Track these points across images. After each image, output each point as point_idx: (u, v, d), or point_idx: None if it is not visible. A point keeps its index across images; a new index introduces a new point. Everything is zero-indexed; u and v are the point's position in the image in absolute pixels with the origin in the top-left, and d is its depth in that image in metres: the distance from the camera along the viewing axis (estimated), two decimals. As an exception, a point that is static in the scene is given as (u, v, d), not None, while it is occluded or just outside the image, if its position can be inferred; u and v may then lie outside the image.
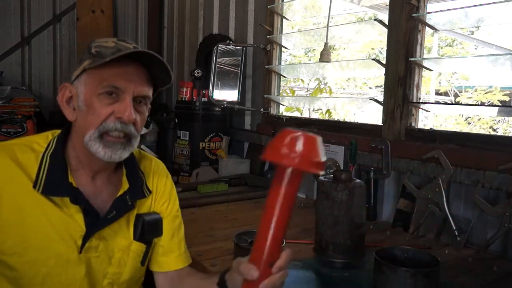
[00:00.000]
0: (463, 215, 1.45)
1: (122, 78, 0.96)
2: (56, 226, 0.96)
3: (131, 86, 0.96)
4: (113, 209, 1.02)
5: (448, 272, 1.16)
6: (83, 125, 0.98)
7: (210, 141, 2.37)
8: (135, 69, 0.98)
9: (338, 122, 2.07)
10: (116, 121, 0.96)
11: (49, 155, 0.99)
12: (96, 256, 1.00)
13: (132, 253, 1.06)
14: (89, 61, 0.96)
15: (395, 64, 1.66)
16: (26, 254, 0.94)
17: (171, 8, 3.39)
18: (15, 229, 0.93)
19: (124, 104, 0.96)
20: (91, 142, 0.96)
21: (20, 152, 0.98)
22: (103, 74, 0.95)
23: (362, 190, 1.20)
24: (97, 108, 0.95)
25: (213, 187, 2.02)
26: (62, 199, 0.96)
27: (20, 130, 2.53)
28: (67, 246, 0.96)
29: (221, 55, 2.32)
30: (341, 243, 1.17)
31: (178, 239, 1.15)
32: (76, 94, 0.99)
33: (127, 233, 1.05)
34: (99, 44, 0.99)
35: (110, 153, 0.96)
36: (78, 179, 1.00)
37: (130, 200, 1.04)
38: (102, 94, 0.95)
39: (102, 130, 0.96)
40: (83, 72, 0.98)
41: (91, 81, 0.97)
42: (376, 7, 4.55)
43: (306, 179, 2.09)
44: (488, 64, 1.56)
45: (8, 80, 3.09)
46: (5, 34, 3.22)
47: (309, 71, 2.32)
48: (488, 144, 1.40)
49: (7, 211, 0.93)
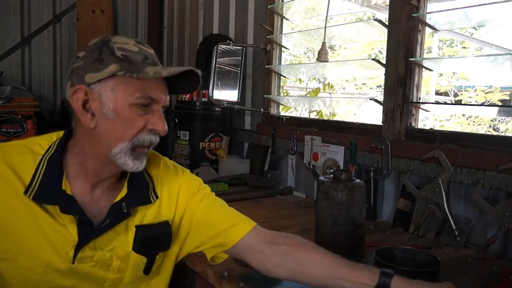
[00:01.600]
0: (463, 215, 1.45)
1: (158, 89, 0.93)
2: (47, 235, 0.92)
3: (164, 97, 0.95)
4: (107, 217, 0.96)
5: (448, 272, 1.16)
6: (111, 136, 0.92)
7: (210, 141, 2.37)
8: (163, 80, 0.96)
9: (338, 122, 2.07)
10: (150, 134, 0.94)
11: (47, 159, 0.95)
12: (92, 265, 0.96)
13: (132, 263, 0.99)
14: (117, 66, 0.89)
15: (395, 64, 1.66)
16: (17, 260, 0.91)
17: (171, 8, 3.39)
18: (7, 235, 0.91)
19: (157, 116, 0.94)
20: (121, 154, 0.91)
21: (17, 154, 0.94)
22: (138, 84, 0.90)
23: (362, 190, 1.20)
24: (131, 119, 0.91)
25: (213, 187, 2.01)
26: (55, 207, 0.92)
27: (20, 130, 2.53)
28: (58, 256, 0.93)
29: (221, 55, 2.32)
30: (341, 243, 1.17)
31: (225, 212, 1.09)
32: (97, 100, 0.91)
33: (125, 242, 0.98)
34: (122, 47, 0.92)
35: (138, 164, 0.94)
36: (75, 187, 0.96)
37: (126, 207, 0.98)
38: (136, 104, 0.91)
39: (136, 143, 0.92)
40: (111, 77, 0.90)
41: (124, 88, 0.90)
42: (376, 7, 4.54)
43: (306, 179, 2.09)
44: (488, 64, 1.56)
45: (8, 80, 3.09)
46: (5, 34, 3.21)
47: (309, 71, 2.32)
48: (488, 144, 1.40)
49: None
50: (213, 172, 2.28)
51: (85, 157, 0.96)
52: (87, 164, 0.96)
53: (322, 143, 1.91)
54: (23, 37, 3.30)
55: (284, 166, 2.20)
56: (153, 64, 0.94)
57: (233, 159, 2.34)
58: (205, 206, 1.08)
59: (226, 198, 1.91)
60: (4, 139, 2.44)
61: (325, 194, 1.19)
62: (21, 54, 3.30)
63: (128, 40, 0.95)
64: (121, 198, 0.99)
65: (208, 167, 2.29)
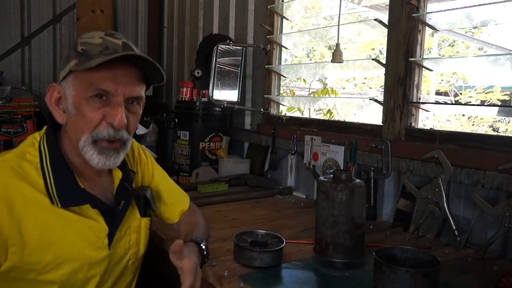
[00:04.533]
0: (463, 215, 1.45)
1: (111, 80, 0.91)
2: (82, 234, 0.96)
3: (121, 88, 0.92)
4: (120, 199, 1.04)
5: (448, 272, 1.16)
6: (75, 130, 0.95)
7: (210, 141, 2.36)
8: (124, 70, 0.93)
9: (338, 122, 2.07)
10: (108, 128, 0.93)
11: (49, 165, 0.94)
12: (120, 246, 1.05)
13: (143, 230, 1.11)
14: (75, 61, 0.91)
15: (395, 64, 1.66)
16: (62, 267, 0.94)
17: (171, 8, 3.39)
18: (46, 248, 0.92)
19: (115, 109, 0.92)
20: (86, 148, 0.94)
21: (22, 168, 0.93)
22: (91, 77, 0.90)
23: (362, 190, 1.20)
24: (87, 112, 0.92)
25: (213, 187, 2.02)
26: (80, 206, 0.97)
27: (20, 130, 2.52)
28: (97, 248, 0.98)
29: (221, 55, 2.32)
30: (341, 243, 1.17)
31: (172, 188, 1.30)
32: (64, 96, 0.95)
33: (133, 214, 1.10)
34: (85, 41, 0.93)
35: (104, 159, 0.95)
36: (85, 182, 0.99)
37: (129, 185, 1.08)
38: (91, 97, 0.91)
39: (95, 137, 0.93)
40: (69, 73, 0.93)
41: (79, 83, 0.92)
42: (376, 7, 4.55)
43: (306, 179, 2.09)
44: (488, 64, 1.56)
45: (8, 80, 3.09)
46: (5, 34, 3.22)
47: (309, 71, 2.32)
48: (488, 144, 1.40)
49: (33, 233, 0.90)
50: (213, 172, 2.28)
51: (70, 154, 0.99)
52: (75, 160, 0.99)
53: (322, 143, 1.91)
54: (23, 37, 3.30)
55: (284, 166, 2.20)
56: (109, 54, 0.90)
57: (233, 159, 2.34)
58: (158, 180, 1.25)
59: (226, 198, 1.93)
60: (4, 139, 2.44)
61: (325, 194, 1.19)
62: (21, 54, 3.30)
63: (95, 34, 0.95)
64: (120, 180, 1.06)
65: (208, 167, 2.29)
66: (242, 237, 1.25)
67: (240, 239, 1.23)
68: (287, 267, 1.19)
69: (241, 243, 1.19)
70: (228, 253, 1.25)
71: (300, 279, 1.13)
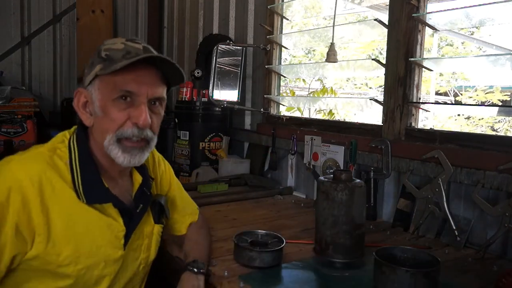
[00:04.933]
0: (463, 215, 1.45)
1: (135, 82, 0.96)
2: (102, 231, 0.99)
3: (144, 89, 0.97)
4: (139, 202, 1.07)
5: (448, 272, 1.16)
6: (101, 130, 0.99)
7: (210, 141, 2.36)
8: (146, 71, 0.98)
9: (338, 122, 2.07)
10: (133, 127, 0.97)
11: (77, 162, 0.98)
12: (133, 248, 1.08)
13: (155, 236, 1.14)
14: (100, 66, 0.96)
15: (395, 64, 1.66)
16: (80, 261, 0.96)
17: (171, 8, 3.39)
18: (68, 240, 0.95)
19: (139, 109, 0.97)
20: (111, 146, 0.98)
21: (53, 161, 0.97)
22: (115, 80, 0.96)
23: (362, 190, 1.20)
24: (112, 113, 0.97)
25: (213, 187, 2.02)
26: (103, 204, 1.00)
27: (20, 130, 2.53)
28: (114, 247, 1.01)
29: (221, 55, 2.32)
30: (341, 243, 1.17)
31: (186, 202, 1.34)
32: (91, 100, 1.00)
33: (148, 219, 1.13)
34: (108, 47, 0.99)
35: (129, 158, 0.99)
36: (108, 182, 1.02)
37: (148, 190, 1.12)
38: (116, 99, 0.96)
39: (119, 135, 0.97)
40: (95, 77, 0.98)
41: (104, 87, 0.97)
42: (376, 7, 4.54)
43: (306, 179, 2.09)
44: (488, 64, 1.56)
45: (8, 80, 3.09)
46: (5, 34, 3.22)
47: (309, 71, 2.32)
48: (488, 144, 1.40)
49: (59, 224, 0.93)
50: (213, 172, 2.28)
51: (97, 154, 1.03)
52: (101, 160, 1.03)
53: (322, 143, 1.91)
54: (23, 37, 3.30)
55: (284, 166, 2.20)
56: (131, 58, 0.95)
57: (233, 159, 2.34)
58: (175, 191, 1.30)
59: (226, 198, 1.93)
60: (4, 139, 2.44)
61: (325, 194, 1.19)
62: (21, 54, 3.31)
63: (117, 40, 1.01)
64: (140, 184, 1.09)
65: (208, 167, 2.29)
66: (242, 237, 1.25)
67: (240, 239, 1.23)
68: (287, 267, 1.19)
69: (241, 243, 1.20)
70: (228, 253, 1.25)
71: (300, 279, 1.13)
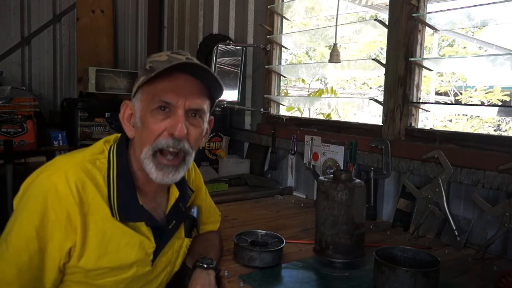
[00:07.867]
0: (463, 215, 1.45)
1: (173, 92, 0.94)
2: (133, 247, 0.99)
3: (181, 99, 0.95)
4: (172, 218, 1.06)
5: (448, 272, 1.16)
6: (140, 142, 0.98)
7: (210, 141, 2.36)
8: (187, 83, 0.96)
9: (338, 122, 2.07)
10: (168, 138, 0.95)
11: (115, 176, 0.97)
12: (160, 263, 1.08)
13: (182, 250, 1.14)
14: (143, 78, 0.96)
15: (395, 64, 1.66)
16: (108, 275, 0.98)
17: (171, 8, 3.40)
18: (100, 257, 0.95)
19: (175, 119, 0.94)
20: (146, 160, 0.96)
21: (92, 174, 0.95)
22: (155, 90, 0.95)
23: (362, 190, 1.20)
24: (150, 124, 0.95)
25: (213, 187, 2.02)
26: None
27: (20, 130, 2.52)
28: (143, 262, 1.02)
29: (221, 55, 2.32)
30: (341, 243, 1.17)
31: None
32: (134, 111, 1.00)
33: (179, 233, 1.11)
34: (153, 59, 0.99)
35: (162, 175, 0.96)
36: (142, 197, 1.01)
37: (183, 206, 1.10)
38: (155, 109, 0.95)
39: (155, 147, 0.95)
40: (138, 89, 0.98)
41: (145, 97, 0.97)
42: (376, 7, 4.55)
43: (306, 179, 2.09)
44: (488, 64, 1.56)
45: (8, 80, 3.09)
46: (5, 34, 3.21)
47: (309, 71, 2.32)
48: (488, 144, 1.40)
49: (94, 241, 0.93)
50: (213, 172, 2.28)
51: (137, 166, 1.01)
52: (140, 173, 1.01)
53: (322, 143, 1.91)
54: (23, 37, 3.29)
55: (284, 166, 2.20)
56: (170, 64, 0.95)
57: (233, 159, 2.34)
58: (203, 200, 1.29)
59: (226, 198, 1.93)
60: (4, 139, 2.44)
61: (325, 194, 1.19)
62: (21, 54, 3.30)
63: (163, 53, 1.00)
64: (176, 199, 1.06)
65: (208, 167, 2.29)
66: (242, 237, 1.25)
67: (240, 239, 1.23)
68: (287, 267, 1.19)
69: (241, 243, 1.20)
70: (228, 253, 1.25)
71: (300, 279, 1.13)
